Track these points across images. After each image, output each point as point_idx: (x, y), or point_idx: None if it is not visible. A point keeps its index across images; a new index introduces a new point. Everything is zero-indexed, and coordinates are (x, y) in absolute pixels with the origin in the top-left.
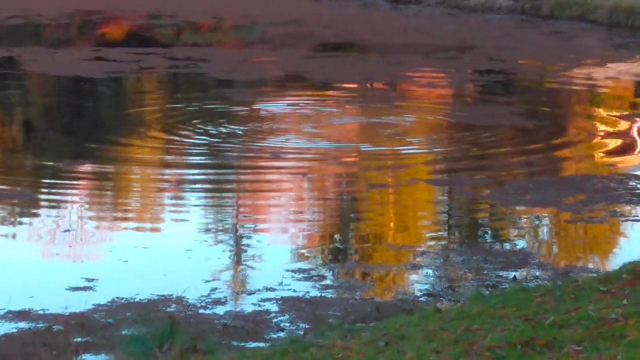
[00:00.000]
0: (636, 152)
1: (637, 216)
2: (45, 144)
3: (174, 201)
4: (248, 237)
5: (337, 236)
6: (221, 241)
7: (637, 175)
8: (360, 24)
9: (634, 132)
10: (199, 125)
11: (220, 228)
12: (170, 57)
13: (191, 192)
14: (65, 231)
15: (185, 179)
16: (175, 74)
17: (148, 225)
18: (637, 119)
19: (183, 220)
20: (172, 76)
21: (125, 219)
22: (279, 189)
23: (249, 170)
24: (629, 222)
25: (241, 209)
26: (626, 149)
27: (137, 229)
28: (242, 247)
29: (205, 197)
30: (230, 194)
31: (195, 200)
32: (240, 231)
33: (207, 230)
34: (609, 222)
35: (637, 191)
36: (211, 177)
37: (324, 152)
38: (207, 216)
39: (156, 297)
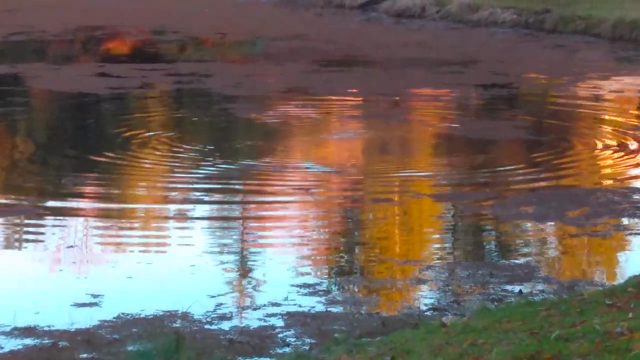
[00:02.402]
0: None
1: None
2: (49, 160)
3: (177, 217)
4: (253, 253)
5: (342, 251)
6: (226, 256)
7: None
8: (363, 38)
9: (638, 145)
10: (203, 141)
11: (225, 243)
12: (174, 72)
13: (195, 209)
14: (69, 247)
15: (189, 196)
16: (179, 90)
17: (152, 240)
18: None
19: (187, 235)
20: (176, 92)
21: (129, 235)
22: (283, 204)
23: (253, 186)
24: (633, 235)
25: (245, 224)
26: (630, 162)
27: (141, 244)
28: (247, 262)
29: (210, 213)
30: (234, 210)
31: (200, 216)
32: (245, 246)
33: (212, 246)
34: (613, 235)
35: None
36: (215, 192)
37: (327, 167)
38: (212, 232)
39: (161, 313)
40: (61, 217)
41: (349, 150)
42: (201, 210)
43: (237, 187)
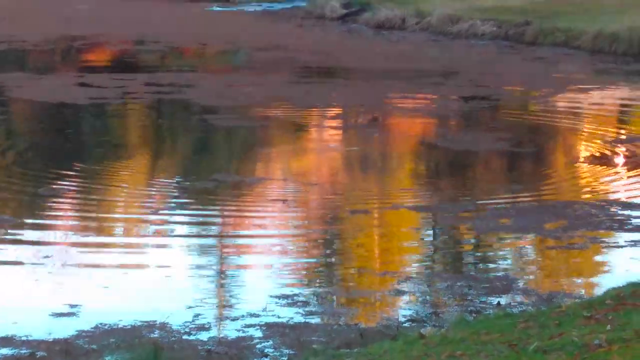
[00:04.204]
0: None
1: (618, 242)
2: (27, 170)
3: (156, 227)
4: (231, 264)
5: (320, 262)
6: (204, 267)
7: (618, 201)
8: (344, 49)
9: (617, 158)
10: (182, 152)
11: (203, 255)
12: (154, 82)
13: (173, 219)
14: (46, 257)
15: (167, 207)
16: (159, 100)
17: (130, 251)
18: (620, 144)
19: (165, 246)
20: (156, 102)
21: (107, 245)
22: (261, 215)
23: (231, 198)
24: (610, 248)
25: (224, 235)
26: (608, 175)
27: (119, 255)
28: (226, 273)
29: (188, 223)
30: (212, 221)
31: (178, 225)
32: (223, 258)
33: (190, 257)
34: (590, 248)
35: (618, 217)
36: (193, 204)
37: (306, 179)
38: (190, 243)
39: (140, 323)
40: (39, 227)
41: (328, 162)
42: (179, 221)
43: (215, 198)
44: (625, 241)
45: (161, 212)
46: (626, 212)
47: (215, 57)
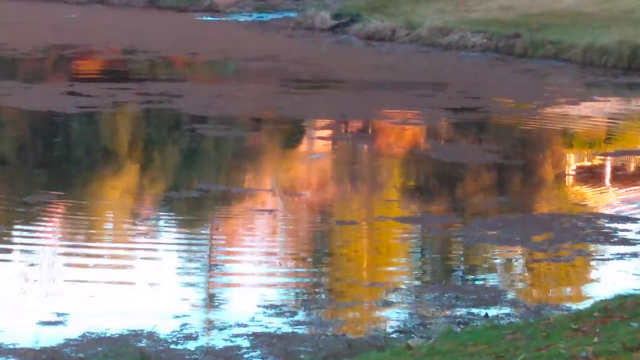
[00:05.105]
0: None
1: (605, 255)
2: (15, 178)
3: (143, 235)
4: (219, 274)
5: (308, 272)
6: (192, 276)
7: (605, 214)
8: (333, 60)
9: (605, 171)
10: (171, 162)
11: (191, 264)
12: (144, 92)
13: (162, 227)
14: (31, 265)
15: (155, 216)
16: (149, 110)
17: (118, 260)
18: (608, 157)
19: (153, 256)
20: (145, 111)
21: (95, 254)
22: (249, 225)
23: (219, 208)
24: (597, 261)
25: (212, 245)
26: (596, 187)
27: (106, 263)
28: (214, 282)
29: (176, 232)
30: (201, 231)
31: (166, 234)
32: (212, 266)
33: (178, 265)
34: (576, 260)
35: (604, 230)
36: (181, 213)
37: (294, 190)
38: (178, 252)
39: (127, 332)
40: (26, 236)
41: (316, 172)
42: (167, 230)
43: (203, 208)
44: (612, 254)
45: (149, 222)
46: (613, 225)
47: (205, 67)
